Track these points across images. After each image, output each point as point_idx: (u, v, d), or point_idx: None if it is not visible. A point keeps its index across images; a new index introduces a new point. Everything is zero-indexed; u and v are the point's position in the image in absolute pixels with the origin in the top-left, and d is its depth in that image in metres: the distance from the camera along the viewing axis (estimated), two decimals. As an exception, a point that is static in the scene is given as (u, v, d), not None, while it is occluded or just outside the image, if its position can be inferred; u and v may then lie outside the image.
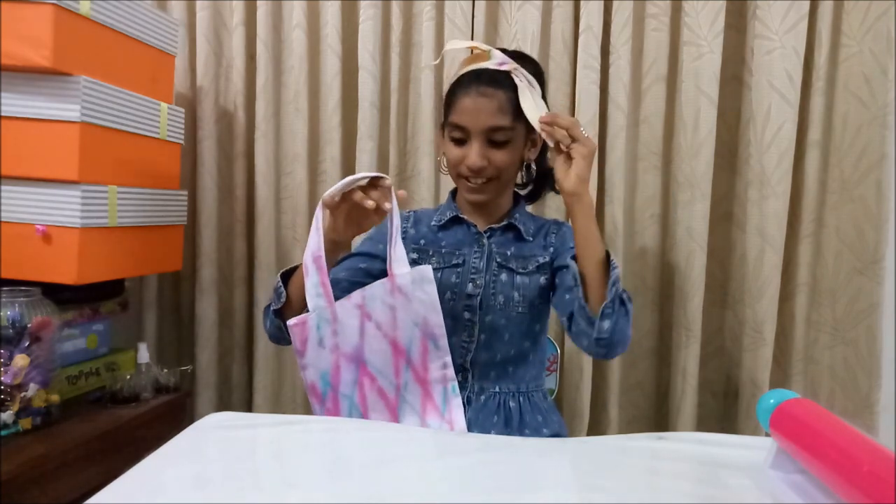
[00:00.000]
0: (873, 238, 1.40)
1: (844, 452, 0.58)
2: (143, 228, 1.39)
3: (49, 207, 1.21)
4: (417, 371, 0.99)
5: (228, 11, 1.65)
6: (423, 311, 0.97)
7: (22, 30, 1.14)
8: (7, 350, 1.11)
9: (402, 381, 0.98)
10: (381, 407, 0.98)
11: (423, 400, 0.99)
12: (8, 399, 1.11)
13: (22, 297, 1.15)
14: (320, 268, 0.94)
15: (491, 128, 1.03)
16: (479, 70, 1.05)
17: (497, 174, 1.06)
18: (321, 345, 0.95)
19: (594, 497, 0.67)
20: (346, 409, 0.98)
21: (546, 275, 1.11)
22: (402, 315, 0.97)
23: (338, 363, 0.96)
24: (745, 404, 1.45)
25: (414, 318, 0.97)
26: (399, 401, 0.99)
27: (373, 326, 0.96)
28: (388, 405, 0.99)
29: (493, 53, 1.05)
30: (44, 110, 1.19)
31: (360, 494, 0.66)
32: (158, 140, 1.43)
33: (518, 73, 1.04)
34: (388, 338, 0.97)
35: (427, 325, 0.98)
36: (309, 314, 0.95)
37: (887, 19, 1.36)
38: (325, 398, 0.97)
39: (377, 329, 0.97)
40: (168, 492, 0.66)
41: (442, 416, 0.99)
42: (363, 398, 0.98)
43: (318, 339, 0.95)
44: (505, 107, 1.03)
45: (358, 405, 0.98)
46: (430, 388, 1.00)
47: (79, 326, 1.37)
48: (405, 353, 0.98)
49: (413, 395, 0.99)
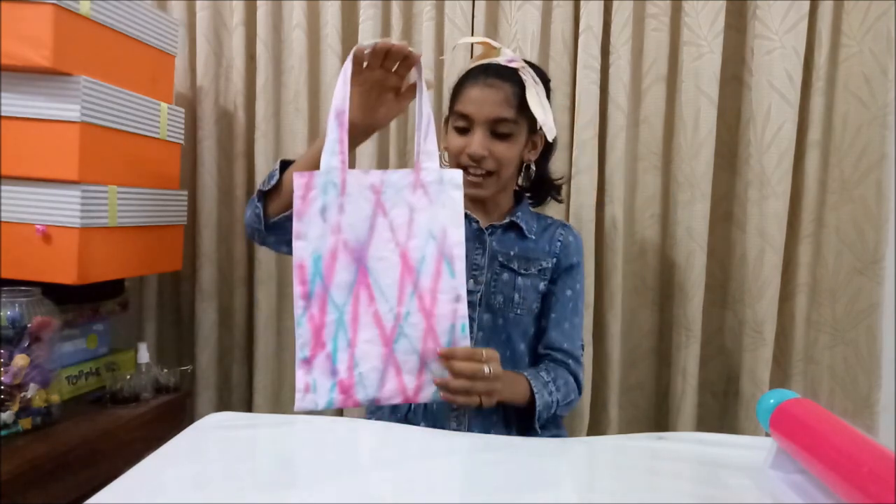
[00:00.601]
0: (873, 238, 1.40)
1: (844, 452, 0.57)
2: (143, 228, 1.39)
3: (49, 207, 1.21)
4: (424, 300, 0.86)
5: (228, 11, 1.65)
6: (444, 220, 0.86)
7: (22, 30, 1.14)
8: (7, 350, 1.11)
9: (405, 309, 0.85)
10: (375, 336, 0.85)
11: (425, 336, 0.86)
12: (8, 399, 1.11)
13: (22, 297, 1.15)
14: (342, 124, 0.83)
15: (495, 118, 1.04)
16: (488, 63, 1.07)
17: (497, 167, 1.06)
18: (323, 216, 0.83)
19: (594, 497, 0.67)
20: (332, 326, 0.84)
21: (546, 281, 1.12)
22: (420, 221, 0.85)
23: (335, 250, 0.83)
24: (745, 404, 1.45)
25: (432, 227, 0.86)
26: (396, 333, 0.85)
27: (386, 226, 0.84)
28: (382, 336, 0.85)
29: (503, 51, 1.08)
30: (44, 110, 1.19)
31: (360, 494, 0.66)
32: (158, 140, 1.43)
33: (525, 71, 1.06)
34: (399, 248, 0.85)
35: (445, 240, 0.86)
36: (319, 171, 0.83)
37: (887, 19, 1.36)
38: (312, 296, 0.83)
39: (390, 231, 0.85)
40: (168, 492, 0.66)
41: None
42: (355, 317, 0.84)
43: (322, 206, 0.83)
44: (511, 100, 1.04)
45: (347, 326, 0.84)
46: (434, 324, 0.86)
47: (79, 326, 1.37)
48: (414, 274, 0.85)
49: (414, 328, 0.86)
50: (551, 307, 1.13)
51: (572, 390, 1.09)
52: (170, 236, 1.51)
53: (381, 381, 0.85)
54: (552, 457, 0.78)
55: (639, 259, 1.53)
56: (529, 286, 1.11)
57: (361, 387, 0.85)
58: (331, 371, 0.84)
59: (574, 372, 1.11)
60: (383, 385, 0.85)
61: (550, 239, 1.15)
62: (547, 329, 1.12)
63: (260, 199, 0.99)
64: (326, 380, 0.83)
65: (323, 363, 0.83)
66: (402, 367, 0.86)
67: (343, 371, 0.84)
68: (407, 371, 0.86)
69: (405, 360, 0.86)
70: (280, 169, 0.99)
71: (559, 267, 1.13)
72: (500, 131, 1.05)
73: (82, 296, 1.37)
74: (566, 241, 1.15)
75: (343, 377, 0.84)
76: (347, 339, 0.84)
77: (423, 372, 0.87)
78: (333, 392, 0.84)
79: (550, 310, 1.13)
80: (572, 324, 1.13)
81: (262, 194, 0.99)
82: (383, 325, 0.85)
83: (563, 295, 1.13)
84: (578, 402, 1.14)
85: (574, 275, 1.14)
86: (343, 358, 0.84)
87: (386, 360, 0.85)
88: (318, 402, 0.83)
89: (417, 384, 0.87)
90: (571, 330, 1.13)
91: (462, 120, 1.06)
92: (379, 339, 0.85)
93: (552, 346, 1.11)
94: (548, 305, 1.13)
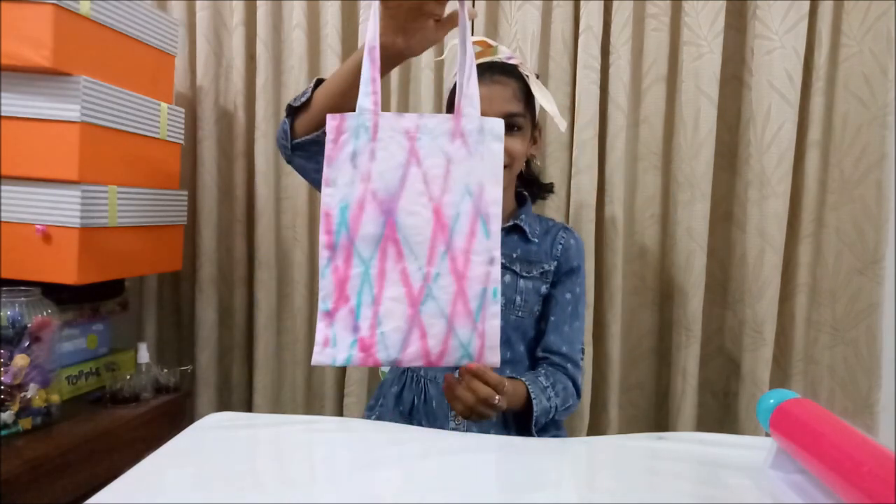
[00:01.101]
0: (873, 238, 1.40)
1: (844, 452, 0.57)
2: (143, 228, 1.39)
3: (49, 207, 1.21)
4: (456, 260, 0.80)
5: (228, 11, 1.65)
6: (481, 175, 0.79)
7: (22, 30, 1.14)
8: (7, 350, 1.11)
9: (435, 270, 0.79)
10: (401, 295, 0.79)
11: (455, 299, 0.80)
12: (8, 399, 1.11)
13: (22, 297, 1.15)
14: (373, 60, 0.76)
15: (507, 113, 1.04)
16: (491, 62, 1.07)
17: (510, 163, 1.07)
18: (353, 161, 0.77)
19: (594, 497, 0.67)
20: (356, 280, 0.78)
21: (547, 284, 1.13)
22: (457, 173, 0.79)
23: (363, 201, 0.77)
24: (745, 404, 1.45)
25: (469, 181, 0.79)
26: (424, 295, 0.79)
27: (419, 177, 0.78)
28: (409, 296, 0.79)
29: (500, 48, 1.09)
30: (44, 110, 1.19)
31: (359, 494, 0.66)
32: (158, 140, 1.43)
33: (525, 66, 1.07)
34: (433, 202, 0.78)
35: (482, 196, 0.79)
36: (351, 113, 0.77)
37: (887, 19, 1.36)
38: (337, 247, 0.77)
39: (423, 183, 0.78)
40: (168, 492, 0.66)
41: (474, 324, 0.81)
42: (381, 273, 0.78)
43: (353, 151, 0.77)
44: (518, 95, 1.06)
45: (373, 281, 0.78)
46: (466, 286, 0.80)
47: (79, 326, 1.37)
48: (447, 232, 0.79)
49: (443, 291, 0.79)
50: (551, 310, 1.13)
51: (571, 395, 1.09)
52: (170, 236, 1.51)
53: (404, 342, 0.80)
54: (552, 457, 0.78)
55: (639, 259, 1.53)
56: (531, 289, 1.11)
57: (383, 346, 0.79)
58: (353, 327, 0.79)
59: (572, 376, 1.11)
60: (406, 347, 0.80)
61: (552, 242, 1.15)
62: (546, 332, 1.12)
63: (289, 114, 0.94)
64: (348, 335, 0.79)
65: (345, 317, 0.78)
66: (427, 331, 0.80)
67: (365, 329, 0.79)
68: (432, 335, 0.81)
69: (431, 324, 0.80)
70: (314, 87, 0.94)
71: (560, 270, 1.14)
72: (511, 126, 1.05)
73: (82, 296, 1.37)
74: (567, 245, 1.15)
75: (365, 335, 0.79)
76: (372, 294, 0.78)
77: (449, 337, 0.81)
78: (353, 349, 0.79)
79: (550, 313, 1.13)
80: (572, 327, 1.13)
81: (291, 110, 0.94)
82: (411, 284, 0.79)
83: (563, 298, 1.13)
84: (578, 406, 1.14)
85: (574, 278, 1.15)
86: (367, 314, 0.79)
87: (411, 321, 0.80)
88: (336, 357, 0.78)
89: (442, 349, 0.82)
90: (571, 334, 1.13)
91: None
92: (405, 299, 0.79)
93: (550, 349, 1.11)
94: (547, 308, 1.13)
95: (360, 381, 1.59)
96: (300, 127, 0.93)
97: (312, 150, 0.93)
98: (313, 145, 0.92)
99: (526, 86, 1.07)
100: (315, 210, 1.64)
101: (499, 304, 0.81)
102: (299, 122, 0.93)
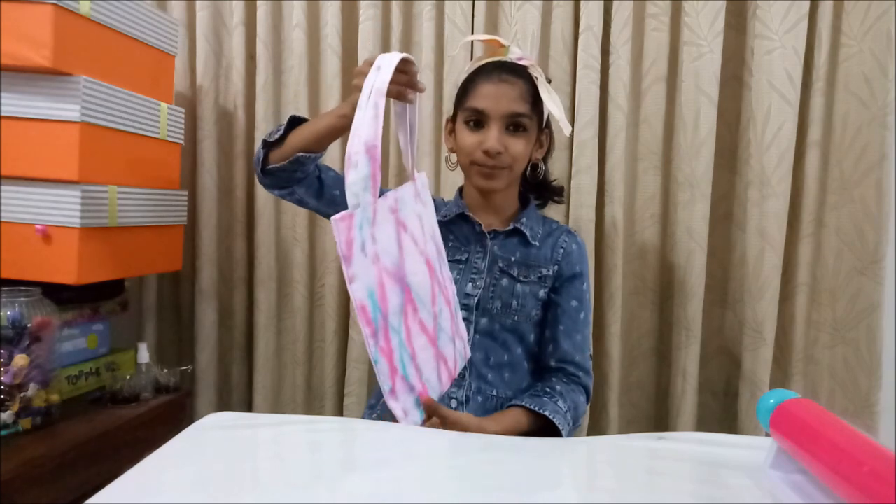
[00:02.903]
0: (873, 238, 1.40)
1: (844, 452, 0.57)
2: (143, 228, 1.39)
3: (49, 207, 1.21)
4: (444, 291, 0.94)
5: (228, 11, 1.65)
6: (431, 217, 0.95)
7: (22, 30, 1.14)
8: (7, 350, 1.11)
9: (437, 308, 0.91)
10: (425, 342, 0.89)
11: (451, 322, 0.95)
12: (8, 399, 1.11)
13: (22, 297, 1.15)
14: (374, 158, 0.78)
15: (512, 113, 1.05)
16: (500, 61, 1.08)
17: (511, 163, 1.06)
18: (364, 251, 0.81)
19: (594, 497, 0.67)
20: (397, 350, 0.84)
21: (546, 288, 1.12)
22: (426, 225, 0.92)
23: (382, 279, 0.83)
24: (745, 404, 1.45)
25: (431, 229, 0.94)
26: (437, 331, 0.91)
27: (409, 240, 0.87)
28: (429, 339, 0.89)
29: (511, 49, 1.09)
30: (44, 110, 1.19)
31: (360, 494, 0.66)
32: (158, 140, 1.43)
33: (535, 69, 1.06)
34: (423, 255, 0.89)
35: (434, 232, 0.95)
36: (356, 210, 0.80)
37: (887, 19, 1.36)
38: (378, 331, 0.82)
39: (413, 244, 0.88)
40: (168, 492, 0.66)
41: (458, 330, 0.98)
42: (408, 333, 0.86)
43: (361, 242, 0.81)
44: (525, 95, 1.06)
45: (405, 343, 0.85)
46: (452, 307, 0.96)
47: (79, 326, 1.37)
48: (434, 273, 0.91)
49: (445, 319, 0.93)
50: (559, 319, 1.12)
51: (581, 404, 1.10)
52: (170, 236, 1.51)
53: (439, 377, 0.91)
54: (552, 457, 0.78)
55: (639, 259, 1.53)
56: (528, 293, 1.11)
57: (431, 389, 0.89)
58: (409, 389, 0.86)
59: (585, 384, 1.12)
60: (440, 379, 0.92)
61: (553, 245, 1.15)
62: (558, 341, 1.12)
63: (264, 146, 1.06)
64: (410, 398, 0.86)
65: (402, 386, 0.85)
66: (446, 357, 0.93)
67: (417, 384, 0.87)
68: (448, 357, 0.93)
69: (445, 350, 0.93)
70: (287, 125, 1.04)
71: (561, 275, 1.13)
72: (516, 126, 1.06)
73: (82, 296, 1.37)
74: (569, 249, 1.15)
75: (419, 389, 0.87)
76: (409, 354, 0.86)
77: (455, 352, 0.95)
78: (419, 406, 0.87)
79: (558, 321, 1.12)
80: (583, 335, 1.14)
81: (266, 144, 1.05)
82: (427, 329, 0.89)
83: (570, 306, 1.13)
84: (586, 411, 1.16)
85: (578, 284, 1.14)
86: (412, 373, 0.86)
87: (437, 357, 0.91)
88: (416, 421, 0.87)
89: (454, 365, 0.95)
90: (582, 342, 1.13)
91: (475, 116, 1.06)
92: (428, 343, 0.89)
93: (565, 359, 1.11)
94: (554, 316, 1.13)
95: (360, 381, 1.59)
96: (272, 157, 1.05)
97: (281, 176, 1.06)
98: (281, 172, 1.05)
99: (534, 87, 1.06)
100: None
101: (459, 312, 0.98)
102: (272, 154, 1.05)
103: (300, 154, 1.01)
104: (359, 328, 1.55)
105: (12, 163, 1.20)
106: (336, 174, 1.14)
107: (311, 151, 1.01)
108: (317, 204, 1.12)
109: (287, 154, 1.02)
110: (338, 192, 1.12)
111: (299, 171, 1.05)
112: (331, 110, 1.03)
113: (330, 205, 1.11)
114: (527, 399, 1.03)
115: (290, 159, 1.01)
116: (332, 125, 0.98)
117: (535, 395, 1.05)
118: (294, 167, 1.03)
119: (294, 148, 1.01)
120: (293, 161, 1.02)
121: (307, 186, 1.09)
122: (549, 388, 1.07)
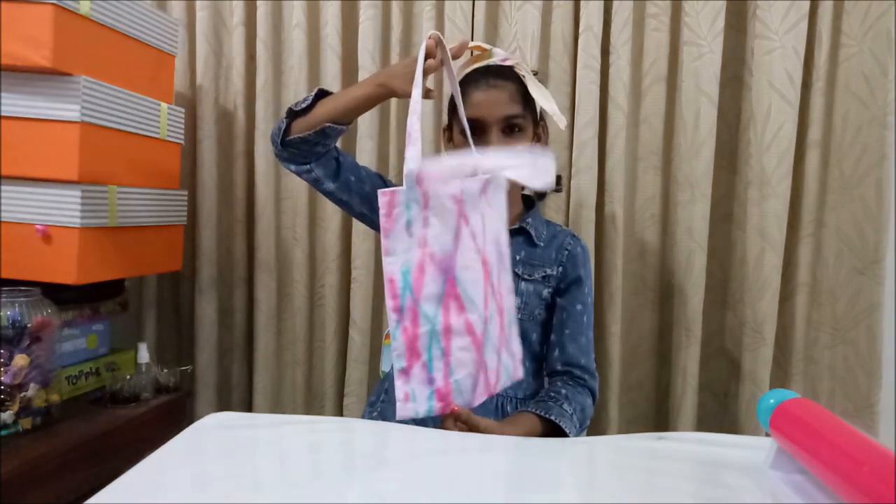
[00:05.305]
0: (873, 238, 1.40)
1: (844, 452, 0.57)
2: (143, 228, 1.39)
3: (49, 207, 1.21)
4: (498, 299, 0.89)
5: (228, 11, 1.65)
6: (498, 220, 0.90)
7: (22, 30, 1.14)
8: (7, 350, 1.11)
9: (489, 313, 0.87)
10: (468, 344, 0.85)
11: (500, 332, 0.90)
12: (8, 399, 1.11)
13: (22, 297, 1.15)
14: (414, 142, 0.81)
15: (507, 116, 1.05)
16: (485, 66, 1.08)
17: None
18: (408, 231, 0.81)
19: (594, 497, 0.67)
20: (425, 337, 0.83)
21: (550, 288, 1.13)
22: (488, 224, 0.88)
23: (423, 263, 0.82)
24: (745, 404, 1.44)
25: (493, 228, 0.89)
26: (484, 338, 0.86)
27: (469, 234, 0.84)
28: (475, 343, 0.85)
29: (494, 51, 1.09)
30: (44, 110, 1.19)
31: (360, 494, 0.66)
32: (158, 140, 1.43)
33: (521, 66, 1.07)
34: (480, 254, 0.86)
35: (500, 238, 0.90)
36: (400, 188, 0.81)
37: (887, 19, 1.36)
38: (404, 309, 0.82)
39: (472, 240, 0.85)
40: (168, 492, 0.66)
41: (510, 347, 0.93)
42: (447, 328, 0.83)
43: (407, 221, 0.81)
44: (516, 96, 1.07)
45: (440, 336, 0.83)
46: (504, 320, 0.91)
47: (79, 326, 1.37)
48: (490, 276, 0.87)
49: (494, 328, 0.88)
50: (564, 323, 1.13)
51: (588, 406, 1.10)
52: (170, 236, 1.51)
53: (474, 385, 0.87)
54: (552, 457, 0.78)
55: (639, 259, 1.53)
56: (532, 292, 1.11)
57: (458, 393, 0.85)
58: (427, 380, 0.84)
59: (591, 386, 1.12)
60: (476, 388, 0.87)
61: (558, 247, 1.15)
62: (564, 345, 1.12)
63: (288, 115, 1.03)
64: (424, 388, 0.84)
65: (419, 373, 0.83)
66: (488, 367, 0.88)
67: (440, 380, 0.84)
68: (490, 370, 0.89)
69: (490, 361, 0.88)
70: (315, 96, 1.03)
71: (565, 277, 1.13)
72: (512, 128, 1.06)
73: (82, 296, 1.37)
74: (574, 252, 1.15)
75: (440, 385, 0.84)
76: (441, 348, 0.84)
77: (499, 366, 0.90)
78: (432, 400, 0.84)
79: (564, 325, 1.12)
80: (588, 338, 1.14)
81: (291, 113, 1.03)
82: (475, 332, 0.85)
83: (574, 309, 1.13)
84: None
85: (582, 288, 1.14)
86: (439, 367, 0.84)
87: (478, 365, 0.86)
88: (418, 410, 0.84)
89: (496, 379, 0.91)
90: (588, 345, 1.13)
91: (472, 125, 1.06)
92: (472, 346, 0.85)
93: (571, 362, 1.11)
94: (560, 320, 1.13)
95: (360, 381, 1.59)
96: (295, 128, 1.03)
97: (302, 149, 1.03)
98: (303, 144, 1.03)
99: (524, 86, 1.07)
100: (315, 210, 1.64)
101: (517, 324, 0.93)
102: (295, 125, 1.03)
103: (327, 125, 1.00)
104: (359, 328, 1.58)
105: (12, 163, 1.20)
106: (353, 161, 1.13)
107: (338, 123, 1.00)
108: (332, 186, 1.09)
109: (313, 124, 1.00)
110: (353, 177, 1.10)
111: (321, 145, 1.03)
112: (364, 80, 1.05)
113: (343, 190, 1.09)
114: (533, 405, 1.03)
115: (315, 129, 1.00)
116: (369, 94, 0.99)
117: (540, 400, 1.05)
118: (317, 138, 1.01)
119: (320, 118, 1.00)
120: (318, 132, 1.00)
121: (325, 166, 1.07)
122: (553, 392, 1.07)
